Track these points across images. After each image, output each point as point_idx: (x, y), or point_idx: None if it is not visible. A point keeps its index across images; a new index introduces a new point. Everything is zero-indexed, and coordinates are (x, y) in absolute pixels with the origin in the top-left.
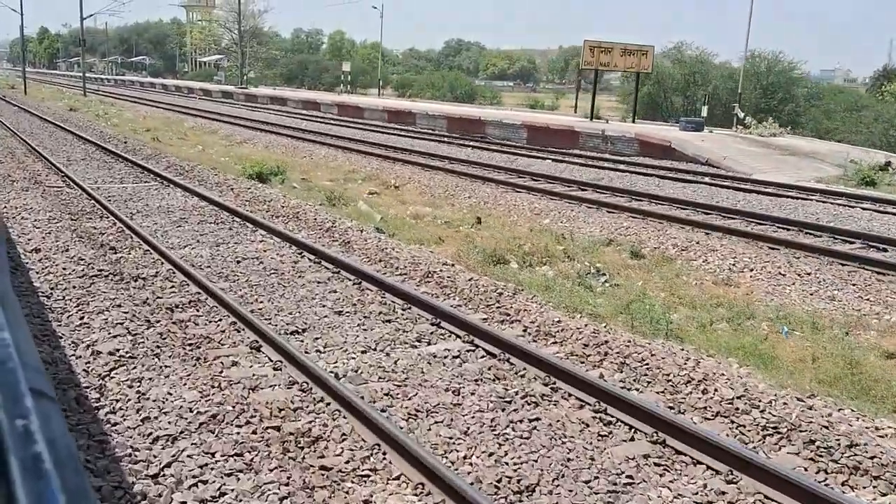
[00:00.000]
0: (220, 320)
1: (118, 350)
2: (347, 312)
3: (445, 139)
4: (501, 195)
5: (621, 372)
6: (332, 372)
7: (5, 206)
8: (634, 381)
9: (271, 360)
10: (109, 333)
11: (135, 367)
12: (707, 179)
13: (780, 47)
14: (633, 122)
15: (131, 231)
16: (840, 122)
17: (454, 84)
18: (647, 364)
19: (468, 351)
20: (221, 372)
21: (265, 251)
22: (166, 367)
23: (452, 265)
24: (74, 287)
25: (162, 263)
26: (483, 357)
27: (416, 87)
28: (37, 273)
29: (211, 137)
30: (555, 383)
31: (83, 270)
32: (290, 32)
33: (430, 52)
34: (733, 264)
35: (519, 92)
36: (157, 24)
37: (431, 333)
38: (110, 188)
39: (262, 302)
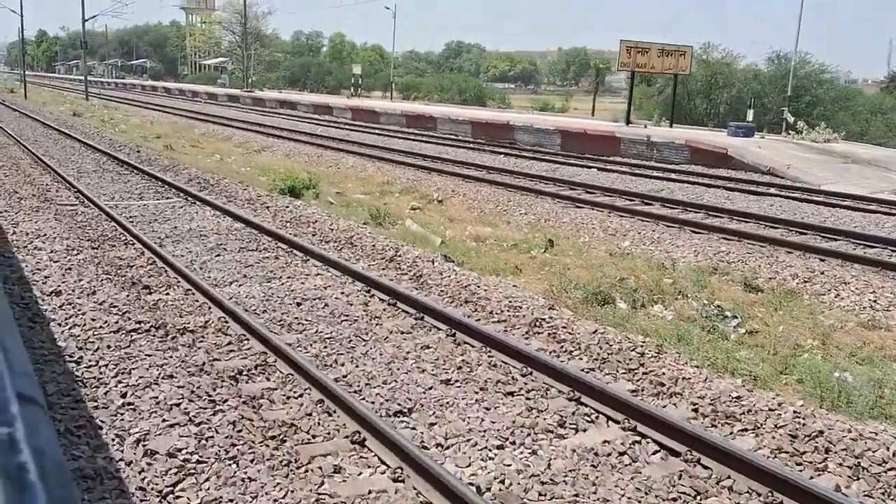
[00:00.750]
0: (302, 396)
1: (180, 450)
2: (455, 381)
3: (473, 145)
4: (563, 211)
5: (858, 480)
6: (471, 483)
7: (14, 233)
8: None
9: (385, 464)
10: (164, 420)
11: (207, 481)
12: (773, 191)
13: (779, 47)
14: (671, 126)
15: (164, 263)
16: (865, 124)
17: (463, 86)
18: (890, 468)
19: (634, 442)
20: (323, 484)
21: (326, 288)
22: (250, 479)
23: (552, 307)
24: (109, 347)
25: (210, 308)
26: (660, 455)
27: (424, 89)
28: (59, 326)
29: (226, 145)
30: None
31: (117, 322)
32: (289, 35)
33: (429, 53)
34: (874, 301)
35: (521, 94)
36: (157, 27)
37: (574, 414)
38: (130, 206)
39: (343, 364)
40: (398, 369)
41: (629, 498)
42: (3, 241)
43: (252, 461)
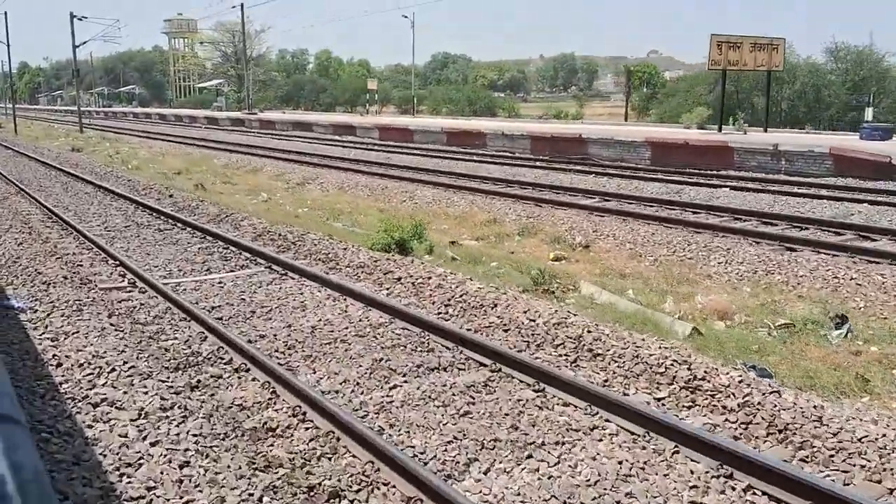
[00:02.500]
0: None
1: None
2: None
3: (543, 164)
4: (780, 259)
5: None
6: None
7: (58, 362)
8: None
9: None
10: None
11: None
12: None
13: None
14: (765, 130)
15: (318, 411)
16: None
17: (472, 97)
18: None
19: None
20: None
21: (642, 466)
22: None
23: None
24: None
25: None
26: None
27: (431, 102)
28: None
29: (260, 178)
30: None
31: None
32: (274, 53)
33: (412, 66)
34: None
35: (513, 102)
36: (142, 53)
37: None
38: (201, 286)
39: None
40: None
41: None
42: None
43: None
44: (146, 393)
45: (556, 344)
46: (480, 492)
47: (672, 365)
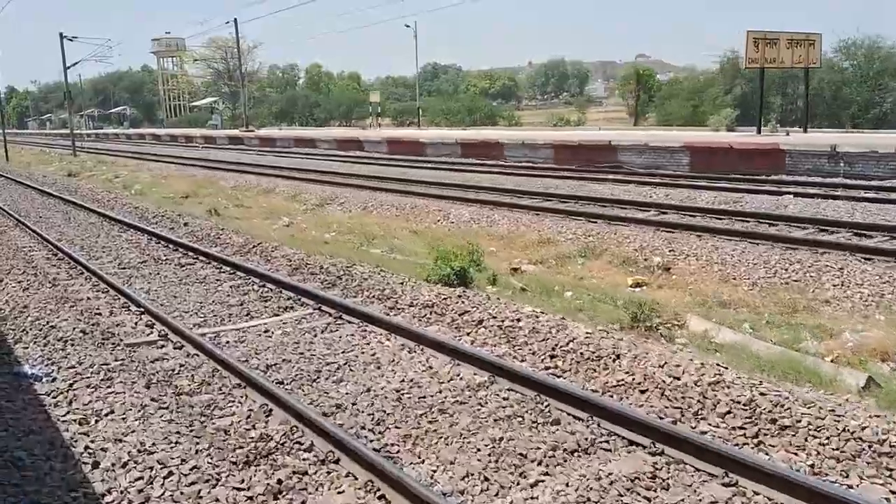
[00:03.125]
0: None
1: None
2: None
3: (573, 174)
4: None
5: None
6: None
7: (87, 447)
8: None
9: None
10: None
11: None
12: None
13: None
14: (805, 131)
15: None
16: None
17: (472, 108)
18: None
19: None
20: None
21: None
22: None
23: None
24: None
25: None
26: None
27: (430, 113)
28: None
29: (275, 200)
30: None
31: None
32: (265, 70)
33: (401, 78)
34: None
35: (512, 111)
36: (132, 73)
37: None
38: (245, 337)
39: None
40: None
41: None
42: None
43: None
44: None
45: (722, 412)
46: None
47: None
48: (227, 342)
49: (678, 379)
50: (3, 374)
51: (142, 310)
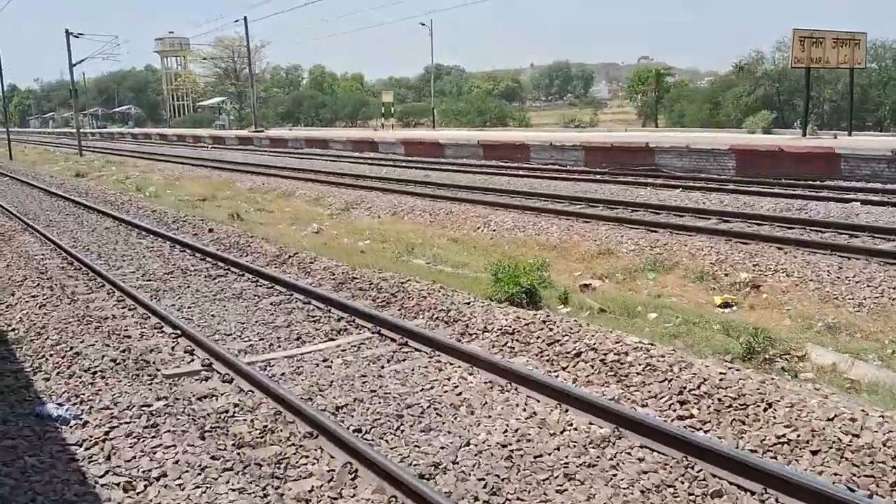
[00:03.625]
0: None
1: None
2: None
3: (609, 178)
4: None
5: None
6: None
7: None
8: None
9: None
10: None
11: None
12: None
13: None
14: (849, 134)
15: None
16: None
17: (482, 108)
18: None
19: None
20: None
21: None
22: None
23: None
24: None
25: None
26: None
27: (440, 114)
28: None
29: (297, 203)
30: None
31: None
32: (269, 70)
33: (403, 79)
34: None
35: (524, 111)
36: (136, 72)
37: None
38: (297, 365)
39: None
40: None
41: None
42: None
43: None
44: None
45: None
46: None
47: None
48: (283, 374)
49: (857, 437)
50: (24, 416)
51: (177, 332)
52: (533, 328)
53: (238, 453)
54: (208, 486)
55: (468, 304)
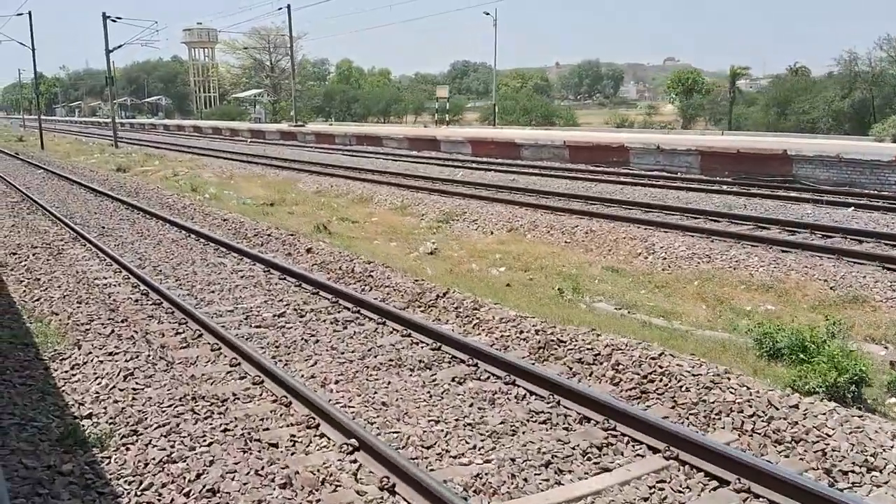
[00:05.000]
0: None
1: None
2: None
3: (743, 189)
4: None
5: None
6: None
7: None
8: None
9: None
10: None
11: None
12: None
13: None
14: None
15: None
16: None
17: (528, 106)
18: None
19: None
20: None
21: None
22: None
23: None
24: None
25: None
26: None
27: (482, 112)
28: None
29: (382, 213)
30: None
31: None
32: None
33: (429, 75)
34: None
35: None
36: (164, 63)
37: None
38: None
39: None
40: None
41: None
42: None
43: None
44: None
45: None
46: None
47: None
48: None
49: None
50: None
51: (352, 442)
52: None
53: None
54: None
55: (795, 406)
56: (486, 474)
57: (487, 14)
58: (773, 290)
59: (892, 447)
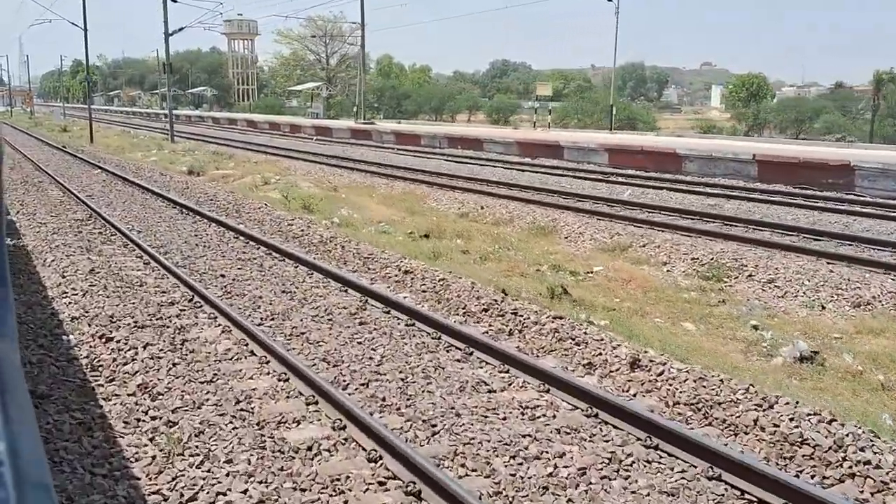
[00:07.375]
0: None
1: None
2: None
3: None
4: None
5: None
6: None
7: None
8: None
9: None
10: None
11: None
12: None
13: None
14: None
15: None
16: None
17: (593, 109)
18: None
19: None
20: None
21: None
22: None
23: None
24: None
25: None
26: None
27: (559, 114)
28: None
29: (586, 253)
30: None
31: None
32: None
33: (465, 74)
34: None
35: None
36: (207, 54)
37: None
38: None
39: None
40: None
41: None
42: None
43: None
44: None
45: None
46: None
47: None
48: None
49: None
50: None
51: None
52: None
53: None
54: None
55: None
56: None
57: (610, 0)
58: None
59: None
